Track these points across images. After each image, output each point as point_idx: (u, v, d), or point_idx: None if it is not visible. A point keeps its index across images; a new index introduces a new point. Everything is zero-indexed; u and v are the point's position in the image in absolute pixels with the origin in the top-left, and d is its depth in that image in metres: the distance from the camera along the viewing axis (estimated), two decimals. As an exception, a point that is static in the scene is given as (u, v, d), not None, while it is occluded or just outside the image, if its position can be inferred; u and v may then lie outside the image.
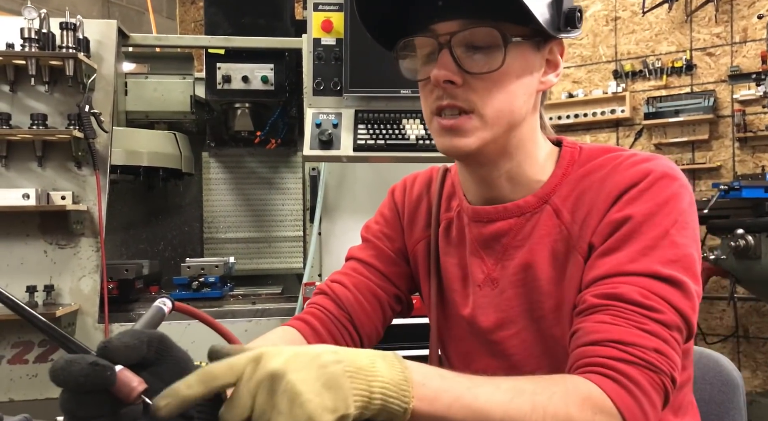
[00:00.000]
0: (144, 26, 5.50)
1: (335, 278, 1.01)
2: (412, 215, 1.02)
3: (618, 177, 0.81)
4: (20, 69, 2.24)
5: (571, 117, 4.96)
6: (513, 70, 0.82)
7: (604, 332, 0.70)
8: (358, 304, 0.97)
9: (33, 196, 2.15)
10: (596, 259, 0.78)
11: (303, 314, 0.98)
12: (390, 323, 1.03)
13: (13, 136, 2.22)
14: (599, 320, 0.72)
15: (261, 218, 3.11)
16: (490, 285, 0.89)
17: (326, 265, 2.37)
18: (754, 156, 4.51)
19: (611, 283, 0.74)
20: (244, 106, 2.77)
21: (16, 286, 2.22)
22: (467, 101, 0.81)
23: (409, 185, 1.05)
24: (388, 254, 1.02)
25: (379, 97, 2.18)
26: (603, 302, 0.73)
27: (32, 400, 2.20)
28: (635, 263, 0.74)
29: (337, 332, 0.96)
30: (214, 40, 2.64)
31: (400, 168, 2.31)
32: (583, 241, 0.82)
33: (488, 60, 0.80)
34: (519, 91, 0.83)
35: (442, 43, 0.80)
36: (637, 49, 4.84)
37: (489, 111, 0.81)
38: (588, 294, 0.75)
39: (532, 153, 0.88)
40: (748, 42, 4.54)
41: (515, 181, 0.88)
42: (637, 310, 0.71)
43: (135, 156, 2.59)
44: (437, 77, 0.80)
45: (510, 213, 0.88)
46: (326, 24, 2.18)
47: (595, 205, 0.82)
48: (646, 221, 0.77)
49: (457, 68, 0.80)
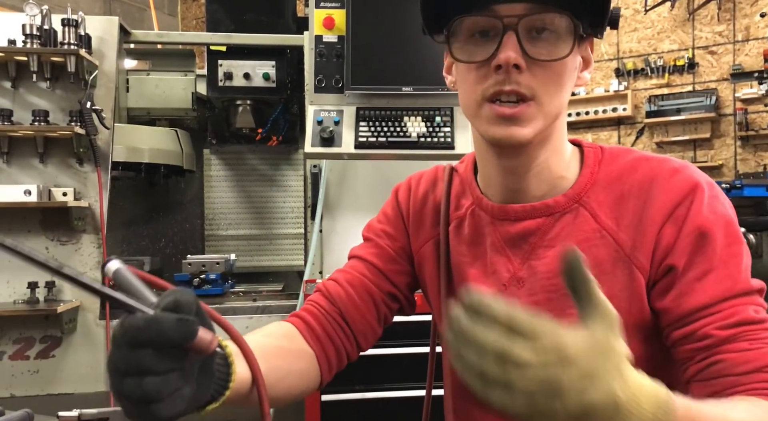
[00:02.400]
0: (145, 23, 5.50)
1: (332, 276, 1.02)
2: (418, 215, 1.01)
3: (666, 186, 0.81)
4: (22, 65, 2.24)
5: (573, 115, 4.95)
6: (570, 62, 0.81)
7: (754, 361, 0.74)
8: (349, 299, 0.97)
9: (34, 192, 2.16)
10: (693, 283, 0.78)
11: (299, 310, 0.99)
12: (389, 321, 1.03)
13: (15, 133, 2.22)
14: (740, 348, 0.75)
15: (262, 215, 3.11)
16: (516, 284, 0.88)
17: (327, 262, 2.38)
18: (755, 155, 4.50)
19: (727, 309, 0.76)
20: (246, 103, 2.77)
21: (17, 282, 2.23)
22: (530, 88, 0.78)
23: (414, 185, 1.03)
24: (389, 251, 1.01)
25: (381, 95, 2.18)
26: (733, 332, 0.75)
27: (33, 396, 2.21)
28: (738, 284, 0.77)
29: (329, 327, 0.96)
30: (216, 37, 2.64)
31: (401, 165, 2.31)
32: (641, 254, 0.81)
33: (554, 48, 0.78)
34: (568, 84, 0.82)
35: (507, 25, 0.77)
36: (639, 47, 4.83)
37: (548, 100, 0.80)
38: (710, 327, 0.76)
39: (560, 149, 0.87)
40: (750, 40, 4.53)
41: (541, 176, 0.86)
42: (760, 327, 0.76)
43: (136, 153, 2.59)
44: (507, 59, 0.76)
45: (538, 212, 0.86)
46: (328, 21, 2.18)
47: (646, 216, 0.81)
48: (724, 235, 0.79)
49: (522, 53, 0.77)
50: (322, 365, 0.95)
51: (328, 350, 0.95)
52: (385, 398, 2.12)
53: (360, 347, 1.00)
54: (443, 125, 2.16)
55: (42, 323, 2.22)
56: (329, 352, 0.95)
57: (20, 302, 2.20)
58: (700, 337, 0.76)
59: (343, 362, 0.99)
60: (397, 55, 2.11)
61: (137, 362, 0.57)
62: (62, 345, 2.23)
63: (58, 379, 2.24)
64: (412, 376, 2.03)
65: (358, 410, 2.12)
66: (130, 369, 0.57)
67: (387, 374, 2.08)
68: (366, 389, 2.11)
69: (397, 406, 2.11)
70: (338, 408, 2.10)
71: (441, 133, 2.15)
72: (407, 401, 2.09)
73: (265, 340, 0.88)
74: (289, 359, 0.91)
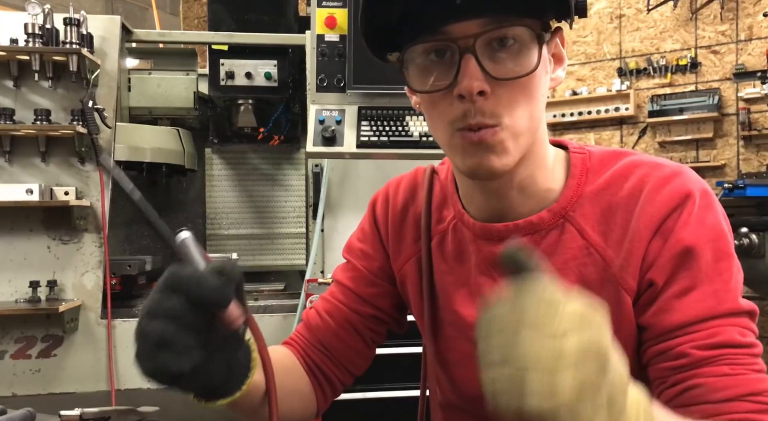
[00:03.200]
0: (147, 22, 5.50)
1: (314, 304, 1.00)
2: (398, 231, 0.94)
3: (655, 197, 0.75)
4: (24, 64, 2.24)
5: (575, 115, 4.95)
6: (538, 71, 0.72)
7: (734, 388, 0.68)
8: (329, 331, 0.95)
9: (36, 191, 2.16)
10: (672, 300, 0.72)
11: (289, 338, 0.99)
12: (381, 340, 1.00)
13: (17, 132, 2.22)
14: (720, 372, 0.69)
15: (264, 214, 3.11)
16: None
17: (329, 261, 2.38)
18: (758, 154, 4.50)
19: (708, 329, 0.71)
20: (247, 102, 2.77)
21: (19, 281, 2.23)
22: (494, 116, 0.71)
23: (392, 195, 0.96)
24: (366, 275, 0.96)
25: (383, 94, 2.18)
26: (713, 354, 0.70)
27: (35, 395, 2.21)
28: (723, 303, 0.71)
29: (316, 358, 0.96)
30: (218, 36, 2.64)
31: (403, 165, 2.30)
32: (628, 274, 0.75)
33: (518, 60, 0.71)
34: (540, 94, 0.75)
35: (463, 47, 0.69)
36: (642, 46, 4.82)
37: (518, 122, 0.72)
38: (687, 345, 0.70)
39: (543, 159, 0.80)
40: (753, 40, 4.53)
41: (526, 193, 0.80)
42: (744, 352, 0.70)
43: (138, 152, 2.59)
44: (470, 89, 0.69)
45: (522, 231, 0.80)
46: (330, 20, 2.17)
47: (634, 230, 0.75)
48: (712, 251, 0.73)
49: (484, 75, 0.70)
50: (317, 392, 0.95)
51: (320, 379, 0.95)
52: (385, 397, 2.11)
53: (351, 372, 0.98)
54: (445, 125, 2.15)
55: (44, 322, 2.22)
56: (321, 380, 0.95)
57: (22, 301, 2.21)
58: (677, 355, 0.71)
59: (337, 390, 0.98)
60: (398, 55, 2.10)
61: (169, 307, 0.60)
62: (64, 344, 2.24)
63: (60, 378, 2.24)
64: (413, 376, 2.03)
65: (357, 410, 2.12)
66: (159, 311, 0.60)
67: (387, 374, 2.08)
68: (366, 389, 2.11)
69: (397, 406, 2.10)
70: (338, 408, 2.09)
71: (443, 132, 2.15)
72: (407, 401, 2.09)
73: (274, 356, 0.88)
74: (294, 380, 0.91)
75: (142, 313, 0.62)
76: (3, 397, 2.17)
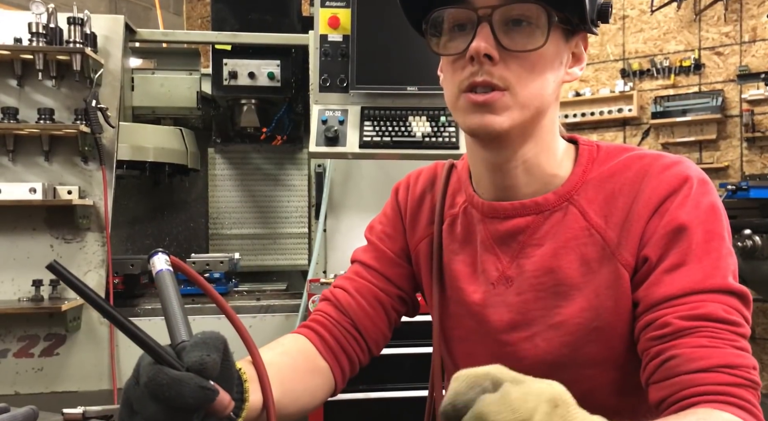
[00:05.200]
0: (151, 22, 5.51)
1: (338, 284, 1.01)
2: (415, 213, 1.00)
3: (654, 182, 0.80)
4: (28, 63, 2.24)
5: (579, 116, 4.94)
6: (548, 53, 0.79)
7: (709, 358, 0.70)
8: (360, 309, 0.97)
9: (39, 190, 2.16)
10: (662, 274, 0.76)
11: (309, 321, 0.98)
12: (397, 324, 1.03)
13: (21, 131, 2.22)
14: (697, 344, 0.71)
15: (266, 214, 3.11)
16: (505, 283, 0.87)
17: (331, 261, 2.38)
18: (762, 156, 4.49)
19: (693, 302, 0.73)
20: (250, 102, 2.77)
21: (22, 280, 2.23)
22: (502, 79, 0.78)
23: (412, 183, 1.03)
24: (390, 255, 1.00)
25: (386, 94, 2.18)
26: (693, 324, 0.72)
27: (38, 393, 2.21)
28: (710, 279, 0.74)
29: (342, 339, 0.95)
30: (221, 36, 2.64)
31: (405, 165, 2.31)
32: (626, 251, 0.79)
33: (529, 38, 0.78)
34: (550, 78, 0.81)
35: (481, 16, 0.77)
36: (645, 47, 4.81)
37: (523, 91, 0.78)
38: (671, 315, 0.73)
39: (551, 145, 0.85)
40: (757, 41, 4.52)
41: (531, 173, 0.85)
42: (727, 328, 0.72)
43: (141, 151, 2.60)
44: (477, 49, 0.76)
45: (528, 210, 0.85)
46: (333, 20, 2.17)
47: (633, 211, 0.80)
48: (703, 231, 0.76)
49: (496, 43, 0.77)
50: (336, 376, 0.95)
51: (342, 361, 0.95)
52: (388, 398, 2.12)
53: (372, 353, 1.00)
54: (448, 125, 2.16)
55: (46, 321, 2.22)
56: (343, 362, 0.95)
57: (25, 299, 2.21)
58: (660, 325, 0.74)
59: (356, 370, 0.99)
60: (402, 55, 2.11)
61: (151, 413, 0.59)
62: (66, 343, 2.24)
63: (63, 377, 2.24)
64: (416, 376, 2.03)
65: (361, 410, 2.12)
66: (142, 412, 0.60)
67: (390, 374, 2.08)
68: (369, 389, 2.11)
69: (401, 406, 2.11)
70: (341, 408, 2.10)
71: (446, 133, 2.15)
72: (410, 401, 2.09)
73: (282, 359, 0.87)
74: (305, 379, 0.91)
75: (125, 403, 0.61)
76: (6, 395, 2.18)
